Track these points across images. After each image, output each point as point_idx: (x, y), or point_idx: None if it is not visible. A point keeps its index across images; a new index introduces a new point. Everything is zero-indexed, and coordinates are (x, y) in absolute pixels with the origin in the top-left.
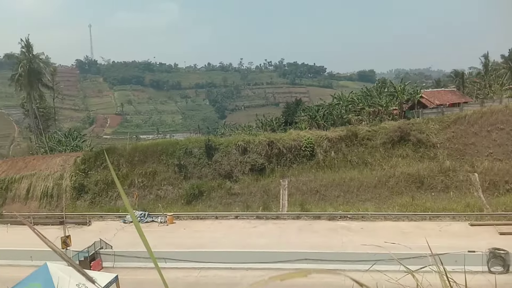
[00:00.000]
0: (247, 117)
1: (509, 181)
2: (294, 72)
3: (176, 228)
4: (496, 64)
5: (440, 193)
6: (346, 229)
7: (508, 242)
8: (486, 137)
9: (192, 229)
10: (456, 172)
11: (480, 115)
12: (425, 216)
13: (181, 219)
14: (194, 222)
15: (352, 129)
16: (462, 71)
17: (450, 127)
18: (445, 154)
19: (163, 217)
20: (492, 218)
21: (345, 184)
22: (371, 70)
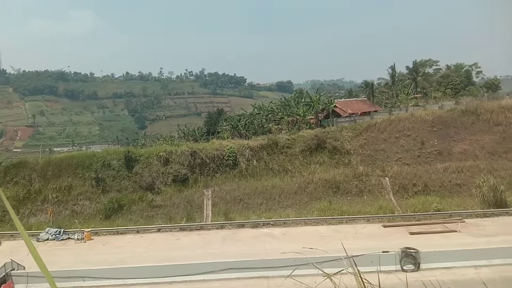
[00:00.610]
0: (168, 127)
1: (416, 184)
2: (215, 82)
3: (95, 245)
4: (402, 75)
5: (355, 197)
6: (269, 236)
7: (418, 241)
8: (394, 143)
9: (112, 244)
10: (369, 176)
11: (389, 122)
12: (342, 220)
13: (100, 235)
14: (113, 237)
15: (272, 138)
16: (371, 82)
17: (362, 135)
18: (358, 160)
19: (80, 234)
20: (402, 219)
21: (267, 192)
22: (289, 81)
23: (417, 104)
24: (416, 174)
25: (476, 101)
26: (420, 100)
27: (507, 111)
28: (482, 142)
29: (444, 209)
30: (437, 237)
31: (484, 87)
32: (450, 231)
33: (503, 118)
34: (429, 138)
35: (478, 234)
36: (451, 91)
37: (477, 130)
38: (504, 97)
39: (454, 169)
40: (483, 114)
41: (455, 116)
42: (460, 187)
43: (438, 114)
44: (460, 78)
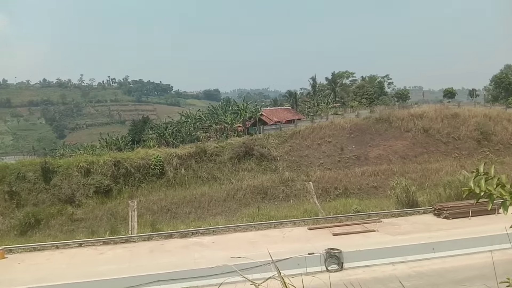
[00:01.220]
0: (90, 136)
1: (338, 187)
2: (140, 89)
3: (9, 263)
4: (322, 86)
5: (282, 201)
6: (198, 245)
7: (340, 241)
8: (317, 149)
9: (28, 262)
10: (294, 181)
11: (312, 130)
12: (270, 225)
13: (15, 252)
14: (30, 254)
15: (200, 145)
16: (295, 92)
17: (288, 142)
18: (284, 166)
19: None
20: (326, 221)
21: (196, 200)
22: (216, 89)
23: (336, 113)
24: (337, 178)
25: (389, 109)
26: (339, 109)
27: (416, 118)
28: (395, 147)
29: (363, 210)
30: (358, 237)
31: (395, 97)
32: (369, 231)
33: (413, 125)
34: (348, 144)
35: (394, 233)
36: (366, 100)
37: (390, 136)
38: (413, 106)
39: (371, 173)
40: (395, 121)
41: (370, 124)
42: (377, 189)
43: (355, 122)
44: (374, 89)
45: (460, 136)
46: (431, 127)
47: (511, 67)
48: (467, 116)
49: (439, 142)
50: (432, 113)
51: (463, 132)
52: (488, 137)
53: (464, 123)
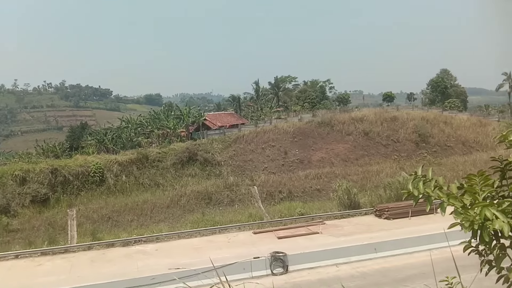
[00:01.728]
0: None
1: (282, 191)
2: (78, 94)
3: None
4: (265, 90)
5: (226, 206)
6: (141, 253)
7: (285, 245)
8: (261, 153)
9: None
10: (239, 186)
11: (255, 134)
12: (215, 230)
13: None
14: None
15: (142, 151)
16: (238, 96)
17: (232, 146)
18: (229, 171)
19: None
20: (271, 224)
21: (138, 208)
22: (158, 94)
23: (280, 117)
24: (281, 181)
25: (330, 113)
26: (282, 113)
27: (356, 122)
28: (337, 150)
29: (307, 212)
30: (302, 239)
31: (336, 101)
32: (313, 233)
33: (353, 128)
34: (291, 148)
35: (337, 234)
36: (309, 104)
37: (332, 140)
38: (354, 109)
39: (314, 176)
40: (336, 125)
41: (312, 128)
42: (320, 192)
43: (298, 126)
44: (316, 93)
45: (399, 139)
46: (371, 130)
47: (446, 71)
48: (405, 119)
49: (379, 144)
50: (372, 116)
51: (402, 135)
52: (426, 140)
53: (403, 126)
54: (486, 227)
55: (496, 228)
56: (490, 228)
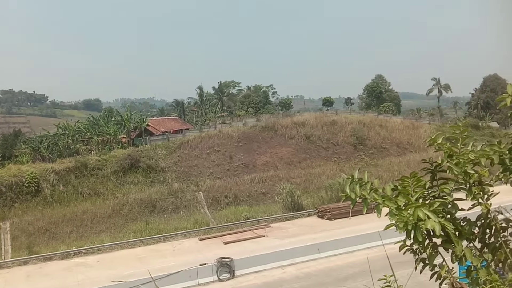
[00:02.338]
0: None
1: (228, 195)
2: (11, 100)
3: None
4: (209, 95)
5: (171, 214)
6: (82, 265)
7: (232, 250)
8: (206, 158)
9: None
10: (184, 192)
11: (200, 139)
12: (160, 238)
13: None
14: None
15: (81, 159)
16: (182, 101)
17: (176, 152)
18: (173, 177)
19: None
20: (217, 230)
21: (77, 218)
22: (97, 99)
23: (224, 122)
24: (227, 186)
25: (274, 118)
26: (226, 118)
27: (298, 126)
28: (280, 154)
29: (253, 216)
30: (248, 243)
31: (279, 106)
32: (258, 237)
33: (296, 132)
34: (236, 153)
35: (282, 236)
36: (253, 109)
37: (276, 144)
38: (295, 114)
39: (259, 180)
40: (279, 129)
41: (257, 132)
42: (265, 195)
43: (242, 131)
44: (259, 98)
45: (339, 142)
46: (312, 134)
47: (381, 77)
48: (344, 123)
49: (320, 147)
50: (313, 120)
51: (341, 138)
52: (363, 142)
53: (342, 130)
54: (419, 227)
55: (428, 227)
56: (423, 228)
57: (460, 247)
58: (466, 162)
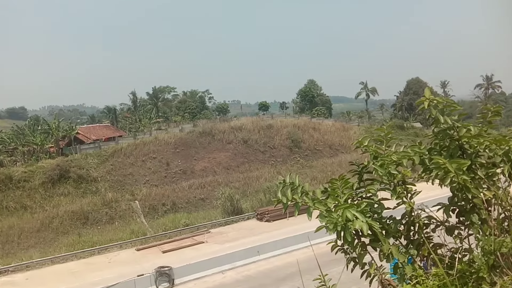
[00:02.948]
0: None
1: (165, 203)
2: None
3: None
4: (143, 101)
5: (106, 225)
6: (9, 284)
7: (170, 258)
8: (142, 166)
9: None
10: (118, 202)
11: (135, 147)
12: (94, 251)
13: None
14: None
15: (5, 171)
16: (114, 107)
17: (109, 160)
18: (107, 187)
19: None
20: (154, 239)
21: (3, 234)
22: (22, 107)
23: (160, 128)
24: (164, 194)
25: (211, 123)
26: (162, 124)
27: (236, 131)
28: (219, 159)
29: (192, 223)
30: (188, 250)
31: (216, 111)
32: (198, 243)
33: (233, 137)
34: (173, 159)
35: (222, 241)
36: (189, 115)
37: (214, 149)
38: (232, 119)
39: (198, 185)
40: (217, 134)
41: (194, 138)
42: (204, 201)
43: (179, 137)
44: (195, 103)
45: (275, 145)
46: (249, 138)
47: (313, 81)
48: (279, 126)
49: (258, 151)
50: (250, 125)
51: (277, 141)
52: (298, 145)
53: (278, 133)
54: (348, 228)
55: (357, 228)
56: (352, 228)
57: (387, 245)
58: (390, 163)
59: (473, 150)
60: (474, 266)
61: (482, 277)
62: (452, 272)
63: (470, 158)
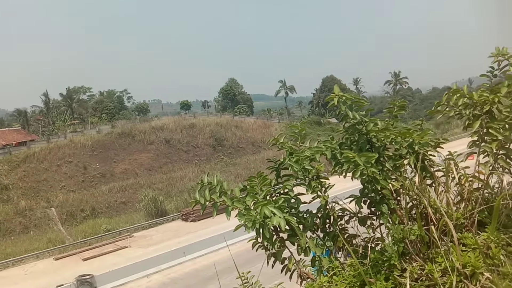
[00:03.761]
0: None
1: (84, 209)
2: None
3: None
4: (57, 102)
5: (20, 235)
6: None
7: (92, 266)
8: (57, 171)
9: None
10: (33, 210)
11: (48, 151)
12: (8, 263)
13: None
14: None
15: None
16: (25, 110)
17: (21, 166)
18: (19, 194)
19: None
20: (74, 247)
21: None
22: None
23: (76, 130)
24: (83, 199)
25: (130, 124)
26: (78, 126)
27: (157, 131)
28: (140, 160)
29: (113, 228)
30: (110, 256)
31: (135, 111)
32: (121, 248)
33: (155, 137)
34: (91, 162)
35: (146, 245)
36: (107, 115)
37: (135, 150)
38: (153, 119)
39: (118, 189)
40: (137, 135)
41: (113, 139)
42: (126, 205)
43: (97, 139)
44: (113, 103)
45: (198, 144)
46: (172, 138)
47: (234, 80)
48: (202, 125)
49: (181, 151)
50: (171, 124)
51: (200, 140)
52: (222, 143)
53: (201, 132)
54: (266, 225)
55: (275, 224)
56: (270, 225)
57: (304, 239)
58: (304, 159)
59: (380, 144)
60: (386, 254)
61: (393, 264)
62: (366, 261)
63: (378, 151)
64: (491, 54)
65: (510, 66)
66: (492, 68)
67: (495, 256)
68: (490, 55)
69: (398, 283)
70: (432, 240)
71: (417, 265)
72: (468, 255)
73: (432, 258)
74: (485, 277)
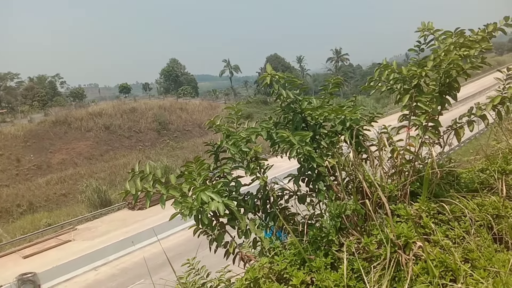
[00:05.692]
0: None
1: (21, 204)
2: None
3: None
4: None
5: None
6: None
7: (34, 263)
8: None
9: None
10: None
11: None
12: None
13: None
14: None
15: None
16: None
17: None
18: None
19: None
20: (12, 245)
21: None
22: None
23: (4, 120)
24: (18, 194)
25: (65, 110)
26: (6, 116)
27: (95, 117)
28: (79, 149)
29: (55, 222)
30: (53, 252)
31: (70, 97)
32: (64, 242)
33: (93, 124)
34: (25, 154)
35: (92, 237)
36: (39, 103)
37: (72, 139)
38: (90, 104)
39: (57, 180)
40: (74, 122)
41: (47, 128)
42: (66, 197)
43: (29, 128)
44: (45, 90)
45: (141, 129)
46: (112, 124)
47: (175, 60)
48: (144, 109)
49: (122, 137)
50: (111, 109)
51: (143, 125)
52: (166, 127)
53: (143, 116)
54: (204, 211)
55: (213, 209)
56: (208, 211)
57: (244, 222)
58: (240, 141)
59: (315, 122)
60: (324, 230)
61: (331, 240)
62: (306, 238)
63: (313, 129)
64: (417, 29)
65: (435, 40)
66: (419, 43)
67: (426, 225)
68: (416, 30)
69: (337, 258)
70: (368, 213)
71: (354, 239)
72: (401, 226)
73: (368, 231)
74: (418, 246)
